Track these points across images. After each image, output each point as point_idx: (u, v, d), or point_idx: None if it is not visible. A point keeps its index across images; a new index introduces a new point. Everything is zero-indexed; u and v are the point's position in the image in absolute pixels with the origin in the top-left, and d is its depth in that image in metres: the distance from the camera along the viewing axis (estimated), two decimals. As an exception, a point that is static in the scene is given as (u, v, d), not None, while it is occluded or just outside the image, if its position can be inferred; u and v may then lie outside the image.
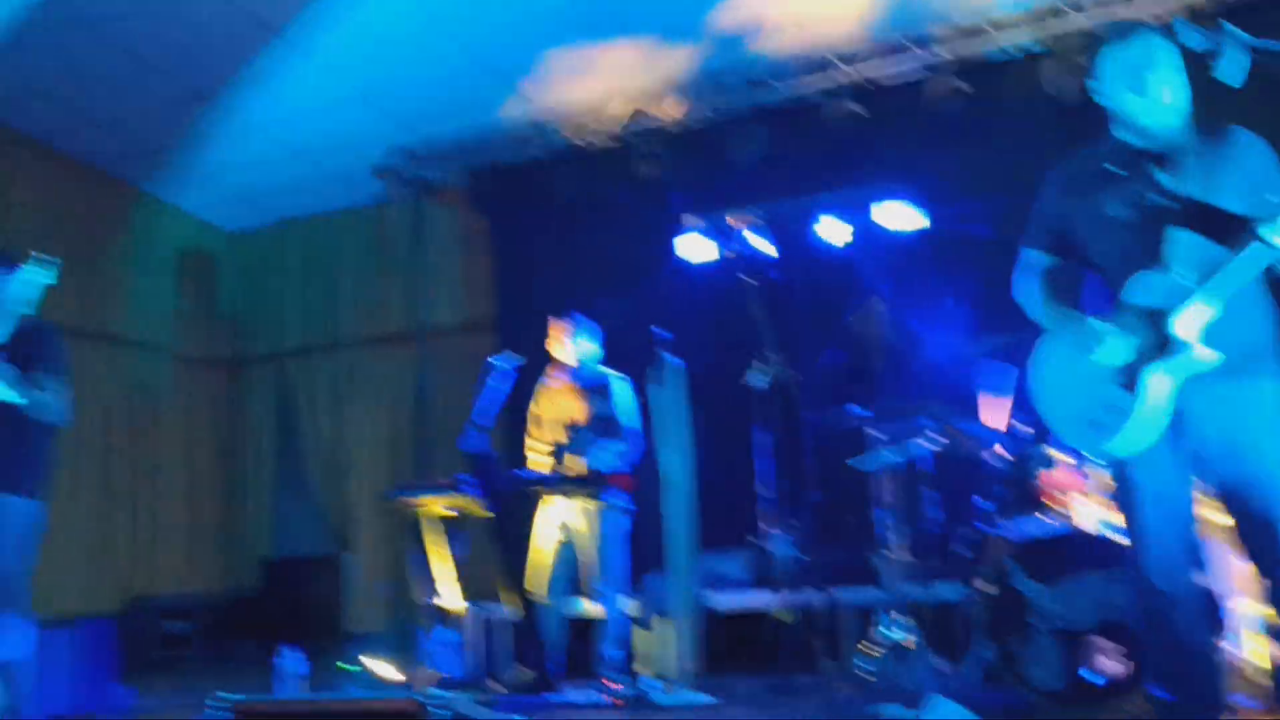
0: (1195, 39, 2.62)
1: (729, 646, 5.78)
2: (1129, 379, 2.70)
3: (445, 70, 7.29)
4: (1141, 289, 2.73)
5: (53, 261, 4.05)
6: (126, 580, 8.25)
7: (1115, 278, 2.81)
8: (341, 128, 7.88)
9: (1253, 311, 2.72)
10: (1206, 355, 2.63)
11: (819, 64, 7.09)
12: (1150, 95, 2.75)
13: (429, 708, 2.62)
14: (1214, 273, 2.62)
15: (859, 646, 4.83)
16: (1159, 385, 2.67)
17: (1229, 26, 2.60)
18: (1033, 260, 3.02)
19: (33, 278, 3.99)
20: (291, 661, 6.51)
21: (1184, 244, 2.68)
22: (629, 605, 5.33)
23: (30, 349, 3.98)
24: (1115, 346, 2.72)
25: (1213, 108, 2.93)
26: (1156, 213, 2.75)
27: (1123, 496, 2.83)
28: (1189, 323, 2.64)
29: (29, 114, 7.58)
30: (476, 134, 8.02)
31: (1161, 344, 2.66)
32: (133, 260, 8.55)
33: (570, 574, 5.29)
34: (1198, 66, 2.74)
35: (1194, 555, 2.79)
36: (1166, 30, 2.76)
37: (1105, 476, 4.15)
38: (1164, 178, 2.78)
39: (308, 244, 9.35)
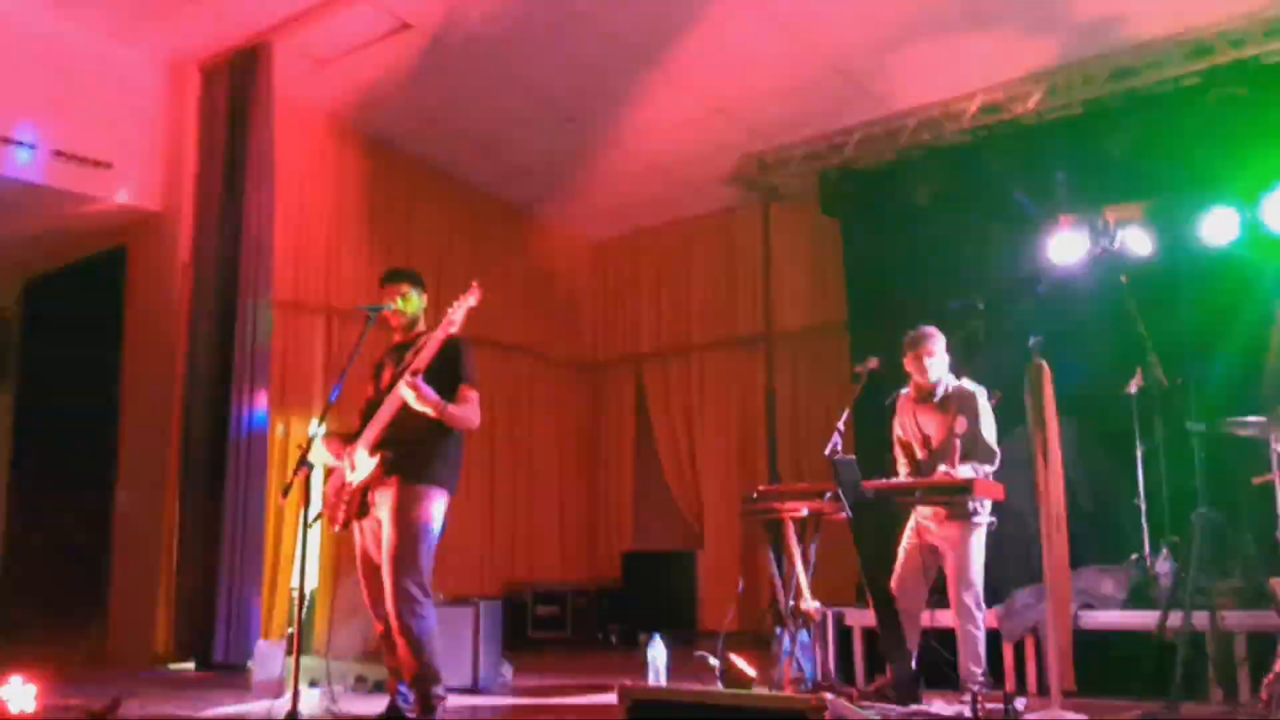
0: None
1: (1104, 667, 5.46)
2: None
3: (797, 78, 7.40)
4: None
5: (476, 288, 4.48)
6: (506, 569, 8.96)
7: None
8: (696, 140, 8.18)
9: None
10: None
11: (1195, 47, 6.59)
12: None
13: (817, 710, 2.69)
14: None
15: (1265, 678, 4.42)
16: None
17: None
18: None
19: (463, 305, 4.43)
20: (659, 649, 6.85)
21: None
22: (990, 618, 5.17)
23: (449, 364, 4.41)
24: None
25: None
26: None
27: None
28: None
29: (425, 141, 8.41)
30: (827, 138, 8.08)
31: None
32: (511, 271, 9.27)
33: (929, 583, 5.22)
34: None
35: None
36: None
37: None
38: None
39: (661, 252, 9.76)
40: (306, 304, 7.82)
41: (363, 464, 4.43)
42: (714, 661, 5.89)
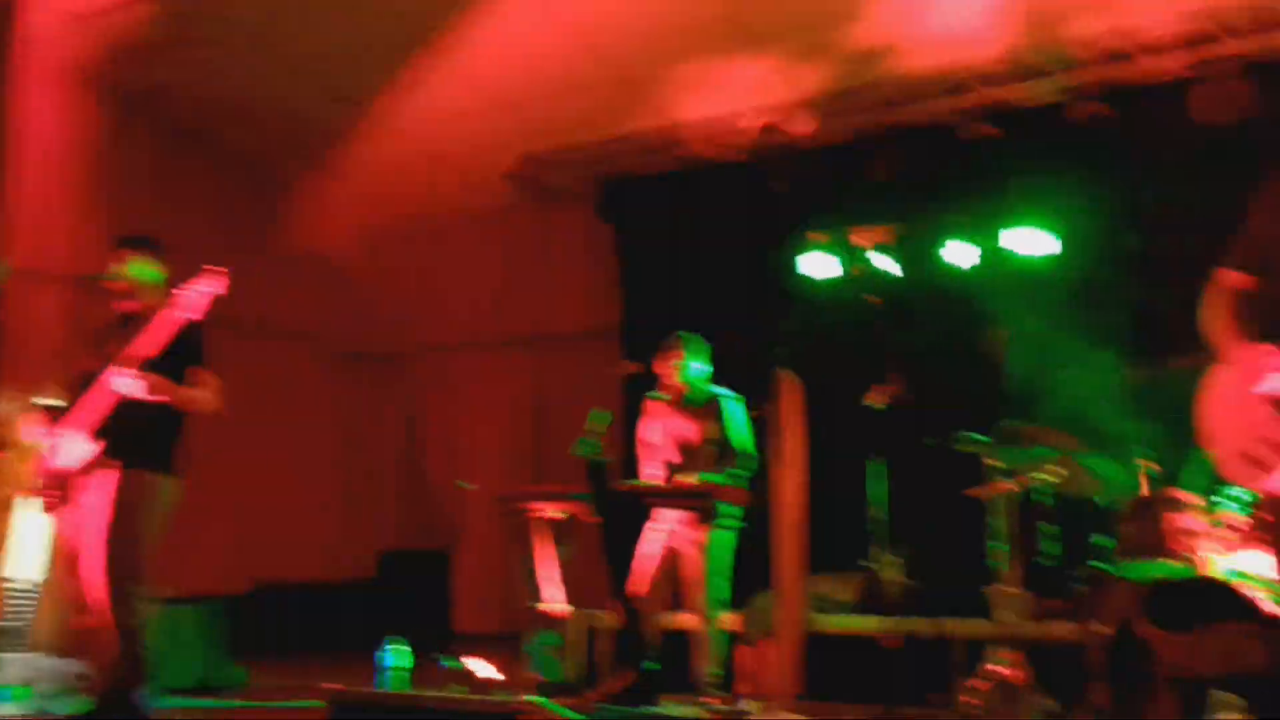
0: None
1: (832, 671, 5.66)
2: None
3: (581, 80, 7.39)
4: None
5: (222, 273, 4.21)
6: (257, 565, 8.55)
7: None
8: (477, 133, 8.05)
9: None
10: None
11: (954, 85, 6.95)
12: None
13: (514, 712, 2.63)
14: None
15: (968, 682, 4.68)
16: None
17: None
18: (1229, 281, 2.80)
19: (206, 289, 4.17)
20: (391, 655, 6.66)
21: None
22: (732, 622, 5.28)
23: (184, 347, 4.16)
24: None
25: None
26: None
27: None
28: None
29: (186, 106, 7.94)
30: (607, 143, 8.10)
31: None
32: (276, 252, 8.87)
33: (672, 587, 5.28)
34: None
35: None
36: None
37: (1237, 522, 3.96)
38: None
39: (437, 244, 9.54)
40: (46, 271, 7.26)
41: (73, 447, 4.11)
42: (446, 664, 5.79)
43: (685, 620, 5.39)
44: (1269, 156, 2.80)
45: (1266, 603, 3.68)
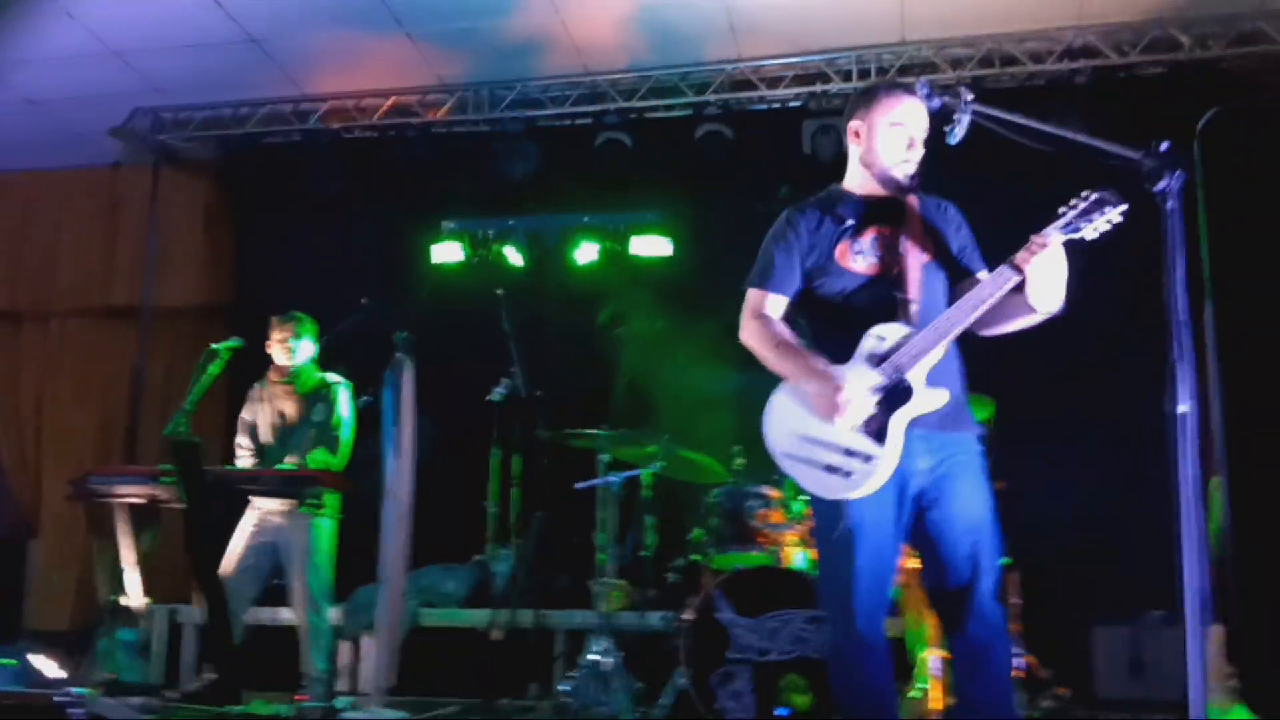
0: (936, 102, 2.77)
1: (438, 664, 5.58)
2: (871, 424, 2.69)
3: (208, 37, 6.86)
4: (873, 335, 2.76)
5: None
6: None
7: (850, 321, 2.82)
8: (86, 82, 7.28)
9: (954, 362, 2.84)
10: (935, 399, 2.71)
11: (591, 91, 7.12)
12: (904, 146, 2.87)
13: (64, 707, 2.35)
14: (940, 318, 2.73)
15: (568, 673, 4.76)
16: (897, 430, 2.68)
17: (964, 91, 2.72)
18: (774, 302, 2.94)
19: None
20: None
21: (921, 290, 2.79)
22: (334, 615, 5.07)
23: None
24: (857, 391, 2.69)
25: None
26: (889, 261, 2.83)
27: (839, 540, 2.72)
28: (918, 367, 2.70)
29: None
30: (230, 106, 7.60)
31: (895, 388, 2.69)
32: None
33: (264, 578, 5.00)
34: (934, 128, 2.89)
35: (889, 603, 2.84)
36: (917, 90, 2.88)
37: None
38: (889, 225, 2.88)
39: (28, 202, 8.54)
40: None
41: None
42: (13, 663, 5.19)
43: (285, 614, 5.13)
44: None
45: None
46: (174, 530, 5.26)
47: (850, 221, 2.90)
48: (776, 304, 2.93)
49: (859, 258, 2.86)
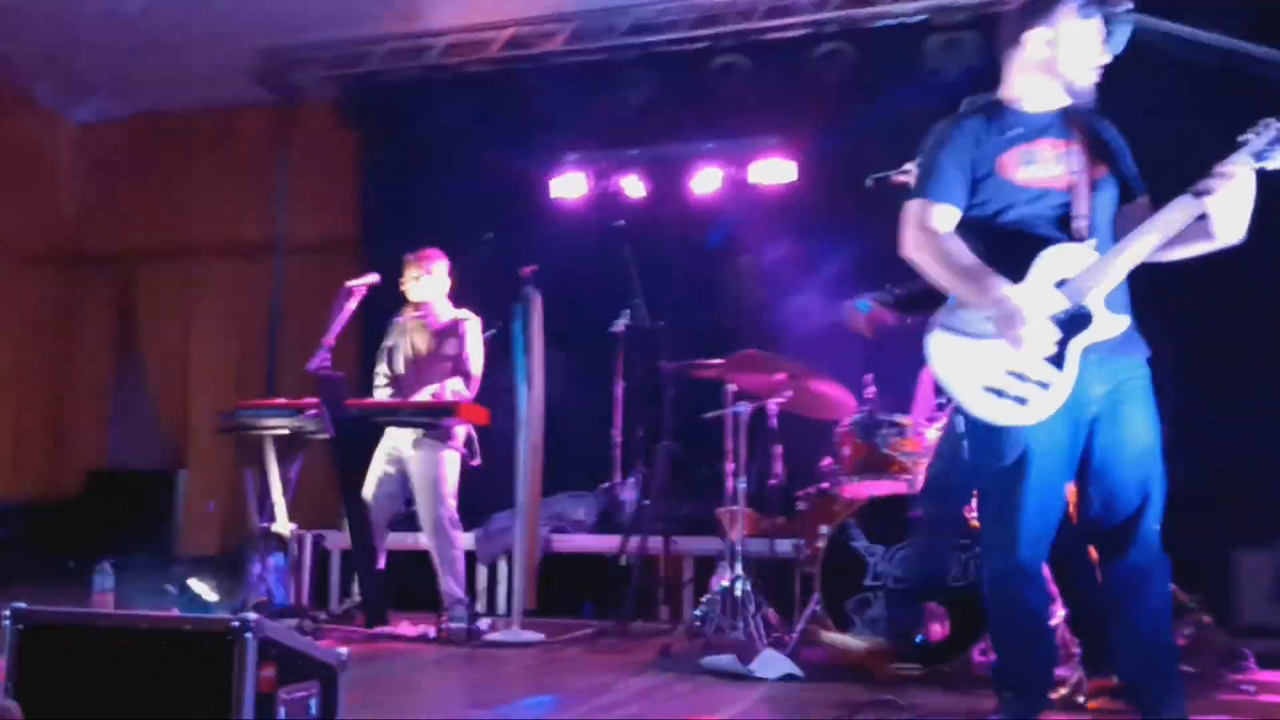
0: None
1: (570, 589, 5.74)
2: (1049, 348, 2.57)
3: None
4: (1052, 256, 2.64)
5: None
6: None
7: (1016, 239, 2.69)
8: (212, 23, 7.45)
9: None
10: (1115, 324, 2.62)
11: (707, 14, 7.00)
12: (1093, 54, 2.72)
13: (238, 630, 2.48)
14: (1125, 241, 2.61)
15: (698, 598, 4.84)
16: (1074, 355, 2.58)
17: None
18: (944, 214, 2.73)
19: None
20: (106, 575, 6.23)
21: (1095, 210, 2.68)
22: (467, 541, 5.24)
23: None
24: (1039, 316, 2.57)
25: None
26: (1061, 176, 2.71)
27: (1008, 468, 2.64)
28: (1098, 291, 2.60)
29: None
30: (354, 44, 7.70)
31: (1076, 313, 2.59)
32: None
33: (399, 506, 5.19)
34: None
35: (1053, 534, 2.75)
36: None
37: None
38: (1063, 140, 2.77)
39: (163, 143, 8.83)
40: None
41: None
42: (176, 588, 5.50)
43: (421, 539, 5.31)
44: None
45: (972, 517, 3.97)
46: (318, 459, 5.47)
47: (1019, 131, 2.75)
48: (945, 216, 2.73)
49: (1027, 169, 2.71)
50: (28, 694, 2.64)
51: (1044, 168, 2.72)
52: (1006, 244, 2.69)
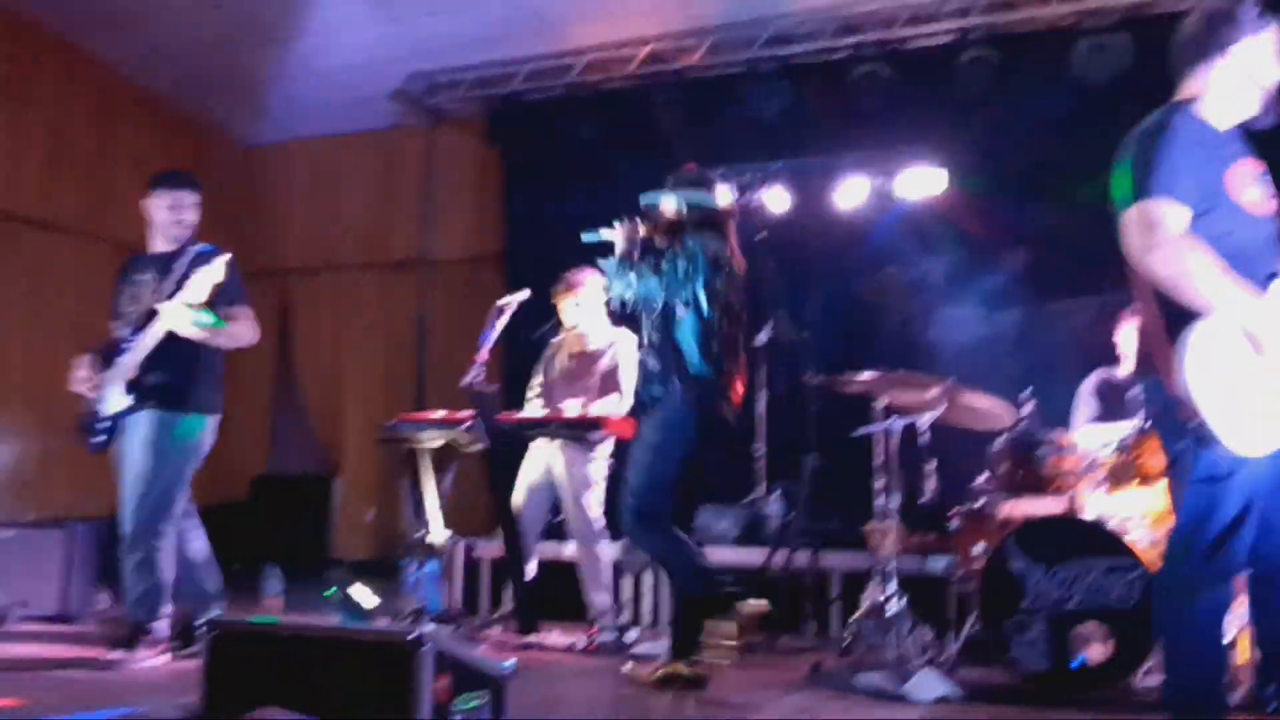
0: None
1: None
2: None
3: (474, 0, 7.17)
4: None
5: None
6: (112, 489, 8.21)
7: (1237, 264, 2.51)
8: (365, 50, 7.75)
9: None
10: None
11: (846, 24, 6.96)
12: None
13: (416, 642, 2.58)
14: None
15: (849, 616, 4.79)
16: None
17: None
18: (1182, 216, 2.49)
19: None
20: (275, 580, 6.53)
21: None
22: (612, 551, 5.30)
23: (229, 285, 4.27)
24: None
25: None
26: (1271, 198, 2.60)
27: (1225, 483, 2.54)
28: None
29: (48, 7, 7.43)
30: (497, 66, 7.90)
31: None
32: (146, 168, 8.40)
33: (546, 517, 5.29)
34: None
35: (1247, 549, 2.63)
36: None
37: (1110, 464, 4.11)
38: None
39: (317, 164, 9.22)
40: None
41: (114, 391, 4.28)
42: (334, 593, 5.70)
43: (568, 550, 5.41)
44: (1144, 110, 2.78)
45: (1134, 539, 3.85)
46: (470, 470, 5.61)
47: (1233, 148, 2.61)
48: (1183, 219, 2.48)
49: (1250, 191, 2.57)
50: (218, 695, 2.81)
51: (1258, 190, 2.60)
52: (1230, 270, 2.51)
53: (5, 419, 7.33)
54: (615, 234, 4.28)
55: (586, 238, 4.28)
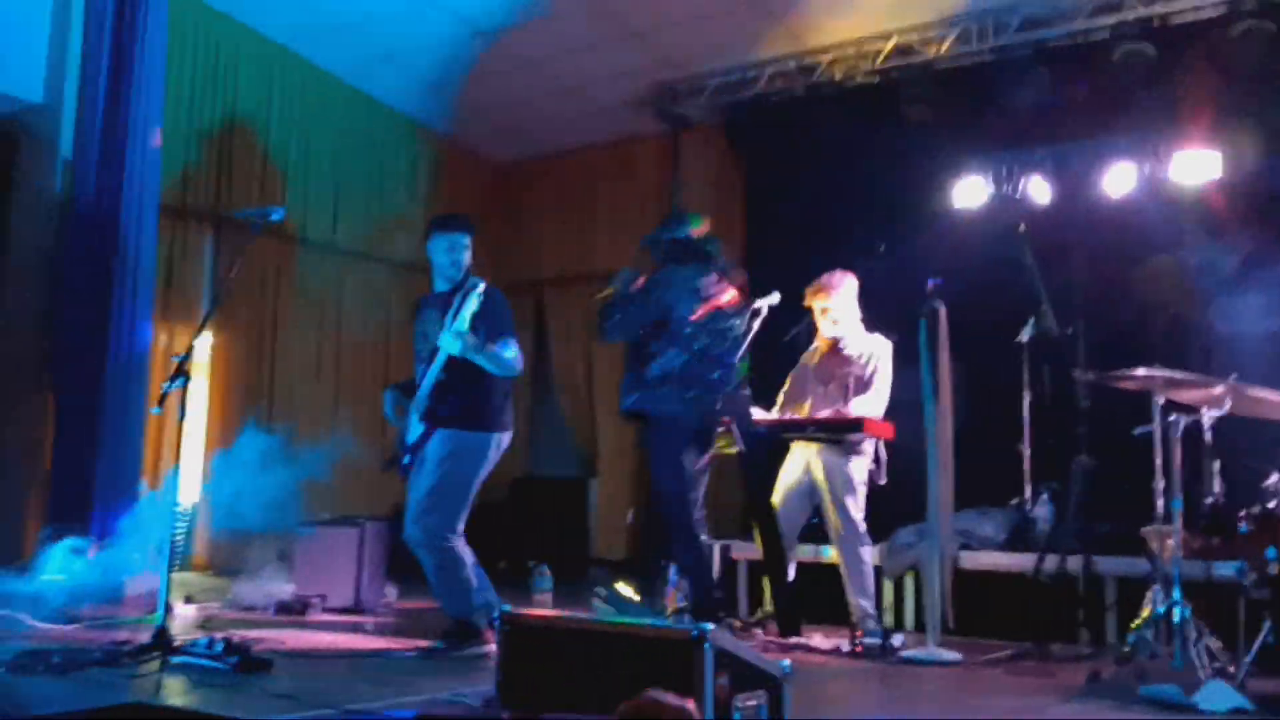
0: None
1: (979, 607, 5.59)
2: None
3: (713, 7, 7.27)
4: None
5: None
6: (395, 491, 8.79)
7: None
8: (608, 64, 8.01)
9: None
10: None
11: (1105, 3, 6.63)
12: None
13: (698, 640, 2.66)
14: None
15: (1130, 624, 4.56)
16: None
17: None
18: None
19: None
20: (545, 578, 6.84)
21: None
22: (873, 554, 5.25)
23: (486, 316, 4.50)
24: None
25: None
26: None
27: None
28: None
29: (323, 48, 8.07)
30: (738, 70, 7.98)
31: None
32: (411, 189, 9.02)
33: (807, 518, 5.29)
34: None
35: None
36: None
37: None
38: None
39: (565, 176, 9.58)
40: (194, 209, 7.52)
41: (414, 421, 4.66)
42: (602, 591, 5.91)
43: (827, 553, 5.41)
44: None
45: None
46: (725, 472, 5.69)
47: None
48: None
49: None
50: (510, 684, 2.99)
51: None
52: None
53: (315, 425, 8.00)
54: None
55: None
